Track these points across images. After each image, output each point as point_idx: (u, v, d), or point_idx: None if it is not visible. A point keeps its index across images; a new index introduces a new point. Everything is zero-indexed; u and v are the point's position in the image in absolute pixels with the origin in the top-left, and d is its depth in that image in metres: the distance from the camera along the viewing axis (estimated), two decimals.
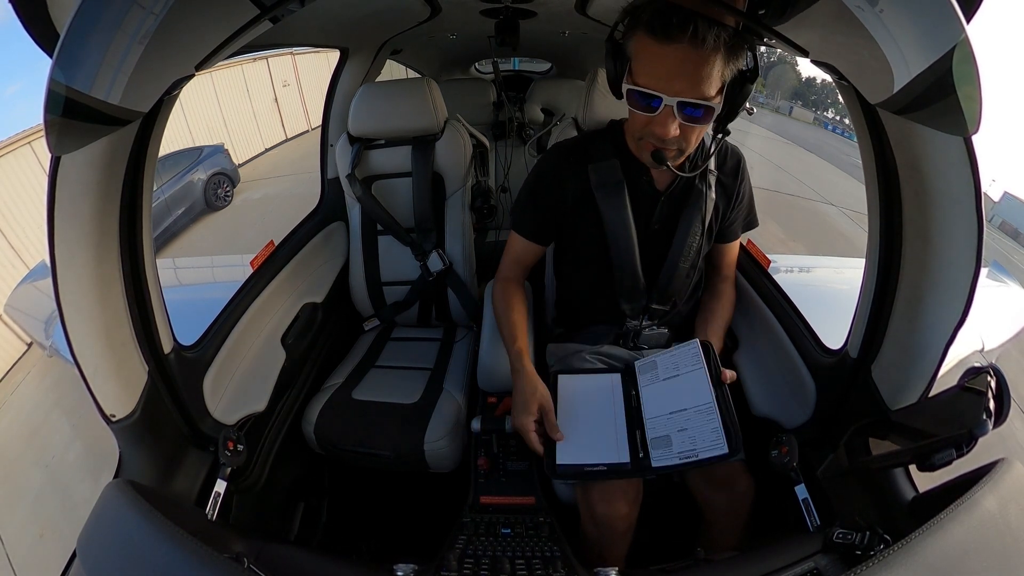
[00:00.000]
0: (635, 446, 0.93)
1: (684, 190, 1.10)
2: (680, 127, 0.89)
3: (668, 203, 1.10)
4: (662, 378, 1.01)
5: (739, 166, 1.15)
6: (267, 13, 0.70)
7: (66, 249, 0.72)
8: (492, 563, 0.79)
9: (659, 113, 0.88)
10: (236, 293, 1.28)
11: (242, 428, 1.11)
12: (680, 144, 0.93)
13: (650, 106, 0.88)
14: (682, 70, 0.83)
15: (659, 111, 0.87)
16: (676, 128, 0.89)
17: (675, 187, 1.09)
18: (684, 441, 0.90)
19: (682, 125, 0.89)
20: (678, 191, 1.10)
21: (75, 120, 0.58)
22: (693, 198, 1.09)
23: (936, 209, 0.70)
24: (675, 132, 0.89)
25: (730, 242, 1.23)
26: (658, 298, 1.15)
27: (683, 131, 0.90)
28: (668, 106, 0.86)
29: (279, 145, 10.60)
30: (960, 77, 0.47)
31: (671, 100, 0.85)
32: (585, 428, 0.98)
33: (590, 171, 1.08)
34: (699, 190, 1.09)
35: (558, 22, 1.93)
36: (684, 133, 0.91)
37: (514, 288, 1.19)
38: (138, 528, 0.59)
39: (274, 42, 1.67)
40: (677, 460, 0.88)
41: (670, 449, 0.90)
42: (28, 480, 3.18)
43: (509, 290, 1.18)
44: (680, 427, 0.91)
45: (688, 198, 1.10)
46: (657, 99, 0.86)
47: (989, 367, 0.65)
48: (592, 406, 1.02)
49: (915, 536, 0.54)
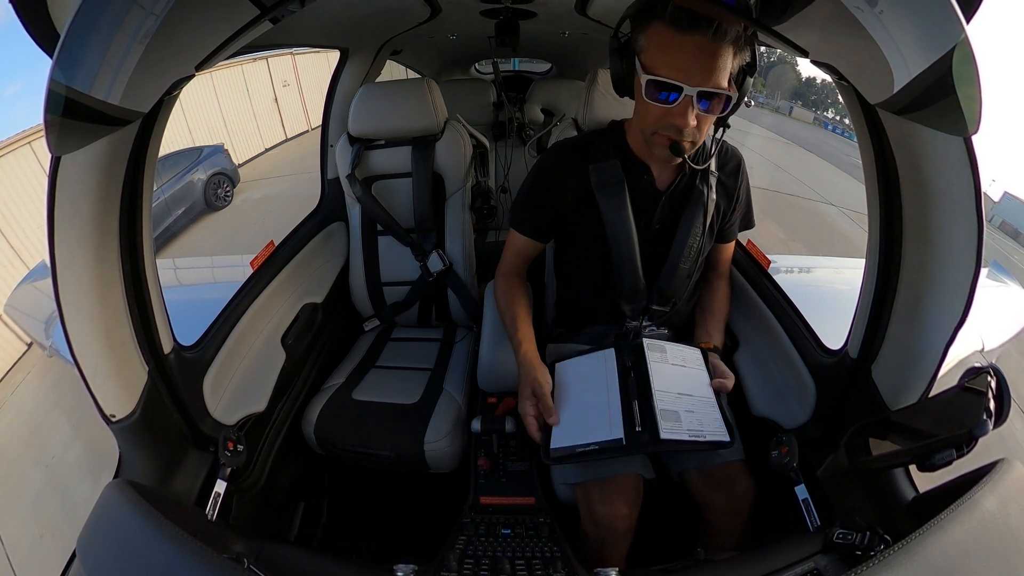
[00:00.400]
0: (631, 420, 0.90)
1: (685, 190, 1.10)
2: (696, 117, 0.90)
3: (669, 203, 1.10)
4: (671, 362, 1.03)
5: (739, 167, 1.16)
6: (267, 13, 0.70)
7: (66, 249, 0.72)
8: (492, 563, 0.79)
9: (678, 104, 0.88)
10: (236, 293, 1.28)
11: (242, 428, 1.11)
12: (694, 136, 0.94)
13: (668, 97, 0.88)
14: (701, 60, 0.84)
15: (678, 102, 0.88)
16: (694, 118, 0.90)
17: (676, 187, 1.09)
18: (692, 421, 0.92)
19: (698, 115, 0.90)
20: (679, 191, 1.10)
21: (75, 120, 0.58)
22: (694, 198, 1.09)
23: (936, 209, 0.70)
24: (693, 123, 0.90)
25: (728, 242, 1.24)
26: (658, 299, 1.15)
27: (698, 122, 0.91)
28: (688, 96, 0.87)
29: (279, 145, 10.60)
30: (960, 77, 0.47)
31: (691, 90, 0.86)
32: (579, 410, 0.97)
33: (591, 171, 1.08)
34: (700, 190, 1.09)
35: (558, 22, 1.93)
36: (699, 124, 0.92)
37: (516, 282, 1.22)
38: (138, 528, 0.59)
39: (274, 42, 1.67)
40: (687, 436, 0.88)
41: (680, 424, 0.90)
42: (28, 480, 3.18)
43: (511, 284, 1.21)
44: (688, 408, 0.94)
45: (689, 198, 1.10)
46: (676, 90, 0.87)
47: (989, 367, 0.65)
48: (585, 386, 1.02)
49: (915, 536, 0.54)
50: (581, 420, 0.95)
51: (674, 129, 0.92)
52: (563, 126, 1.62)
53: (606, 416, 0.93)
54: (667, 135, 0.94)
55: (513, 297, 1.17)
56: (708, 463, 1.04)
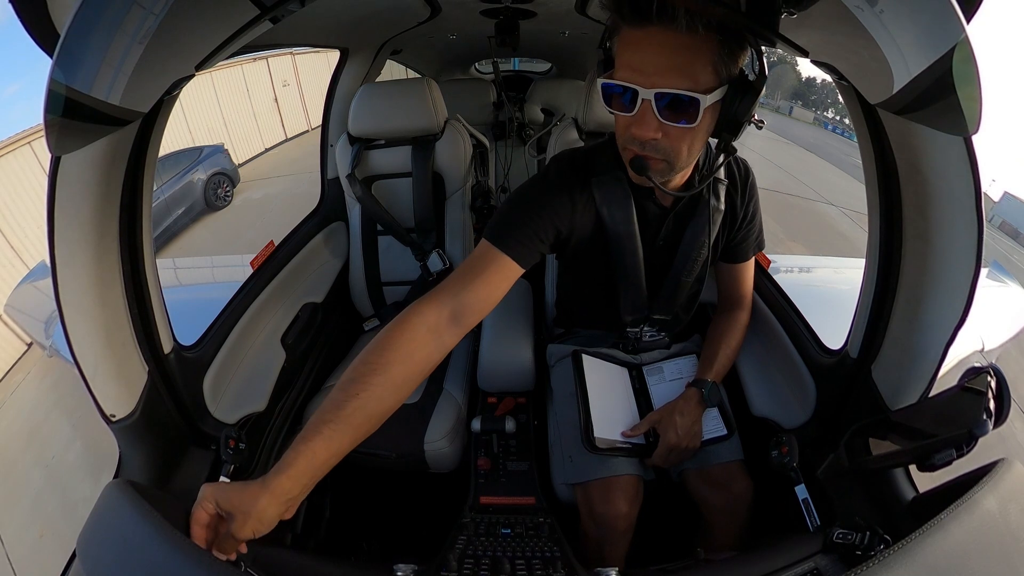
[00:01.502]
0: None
1: (691, 204, 1.02)
2: (663, 128, 0.77)
3: (675, 220, 1.02)
4: (668, 379, 1.17)
5: (748, 180, 1.06)
6: (267, 13, 0.70)
7: (66, 249, 0.72)
8: (492, 563, 0.79)
9: (637, 111, 0.76)
10: (236, 293, 1.28)
11: (242, 428, 1.11)
12: (667, 152, 0.80)
13: (626, 104, 0.76)
14: (661, 57, 0.71)
15: (636, 108, 0.75)
16: (656, 128, 0.76)
17: (683, 203, 1.00)
18: None
19: (664, 126, 0.76)
20: (685, 206, 1.01)
21: (75, 120, 0.58)
22: (700, 211, 1.01)
23: (936, 209, 0.70)
24: (655, 133, 0.77)
25: (742, 262, 1.13)
26: (660, 309, 1.14)
27: (667, 134, 0.78)
28: (645, 100, 0.74)
29: (279, 145, 10.61)
30: (960, 77, 0.47)
31: (647, 92, 0.73)
32: (611, 408, 1.09)
33: (594, 185, 0.97)
34: (707, 202, 1.01)
35: (558, 22, 1.93)
36: (669, 137, 0.78)
37: (434, 326, 0.78)
38: (138, 528, 0.59)
39: (274, 42, 1.67)
40: None
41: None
42: (28, 480, 3.18)
43: (413, 324, 0.76)
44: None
45: (695, 211, 1.02)
46: (631, 92, 0.74)
47: (989, 367, 0.65)
48: (612, 387, 1.15)
49: (915, 536, 0.54)
50: (613, 418, 1.07)
51: (636, 142, 0.79)
52: (563, 126, 1.62)
53: (631, 420, 1.08)
54: (630, 149, 0.82)
55: (398, 357, 0.73)
56: (706, 463, 1.04)
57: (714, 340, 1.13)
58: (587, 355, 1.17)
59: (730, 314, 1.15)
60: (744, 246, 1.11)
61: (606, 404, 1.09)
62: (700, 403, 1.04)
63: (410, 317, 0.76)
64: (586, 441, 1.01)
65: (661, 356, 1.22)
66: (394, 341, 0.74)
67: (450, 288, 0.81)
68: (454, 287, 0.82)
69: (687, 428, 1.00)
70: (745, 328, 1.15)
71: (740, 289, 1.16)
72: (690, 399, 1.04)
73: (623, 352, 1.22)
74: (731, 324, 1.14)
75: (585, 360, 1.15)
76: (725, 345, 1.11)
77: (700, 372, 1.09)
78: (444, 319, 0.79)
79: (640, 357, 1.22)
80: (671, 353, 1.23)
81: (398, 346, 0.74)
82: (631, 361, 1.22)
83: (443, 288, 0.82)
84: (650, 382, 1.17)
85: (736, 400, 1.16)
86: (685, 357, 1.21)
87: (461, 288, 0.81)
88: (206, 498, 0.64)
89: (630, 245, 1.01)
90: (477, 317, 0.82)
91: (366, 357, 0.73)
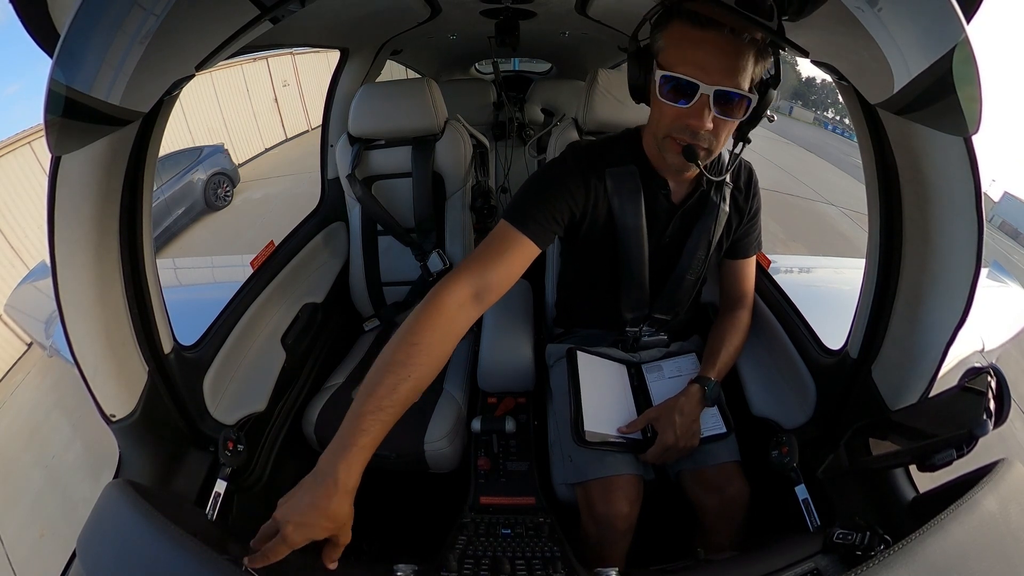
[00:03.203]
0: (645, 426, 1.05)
1: (698, 202, 1.05)
2: (713, 120, 0.85)
3: (683, 217, 1.05)
4: (667, 376, 1.16)
5: (751, 180, 1.11)
6: (267, 13, 0.70)
7: (66, 249, 0.72)
8: (492, 563, 0.79)
9: (694, 104, 0.83)
10: (236, 293, 1.28)
11: (242, 428, 1.11)
12: (711, 142, 0.88)
13: (684, 96, 0.83)
14: (720, 58, 0.80)
15: (694, 101, 0.83)
16: (711, 121, 0.84)
17: (691, 201, 1.04)
18: None
19: (715, 119, 0.85)
20: (693, 205, 1.05)
21: (75, 120, 0.59)
22: (707, 210, 1.05)
23: (936, 209, 0.70)
24: (710, 125, 0.85)
25: (744, 259, 1.16)
26: (661, 308, 1.14)
27: (715, 126, 0.86)
28: (704, 95, 0.82)
29: (279, 145, 10.61)
30: (960, 77, 0.47)
31: (708, 88, 0.81)
32: (605, 403, 1.08)
33: (607, 175, 1.01)
34: (714, 202, 1.04)
35: (558, 22, 1.93)
36: (716, 128, 0.86)
37: (459, 313, 0.82)
38: (138, 528, 0.59)
39: (274, 42, 1.67)
40: None
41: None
42: (28, 480, 3.18)
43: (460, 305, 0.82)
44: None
45: (702, 210, 1.05)
46: (693, 87, 0.82)
47: (989, 367, 0.64)
48: (608, 383, 1.14)
49: (915, 536, 0.54)
50: (606, 413, 1.06)
51: (689, 131, 0.86)
52: (563, 126, 1.62)
53: (627, 417, 1.07)
54: (681, 138, 0.88)
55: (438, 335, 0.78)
56: (702, 464, 1.04)
57: (717, 339, 1.13)
58: (583, 352, 1.16)
59: (733, 314, 1.17)
60: (747, 242, 1.14)
61: (600, 399, 1.07)
62: (701, 401, 1.04)
63: (442, 296, 0.81)
64: (575, 434, 0.99)
65: (660, 354, 1.22)
66: (432, 320, 0.79)
67: (474, 268, 0.86)
68: (478, 267, 0.87)
69: (686, 427, 1.00)
70: (747, 329, 1.16)
71: (742, 287, 1.18)
72: (692, 396, 1.04)
73: (622, 351, 1.22)
74: (734, 324, 1.15)
75: (580, 357, 1.14)
76: (728, 344, 1.11)
77: (703, 370, 1.09)
78: (469, 297, 0.84)
79: (639, 355, 1.22)
80: (671, 351, 1.23)
81: (437, 324, 0.79)
82: (630, 359, 1.22)
83: (466, 268, 0.87)
84: (649, 379, 1.17)
85: (736, 400, 1.16)
86: (685, 355, 1.20)
87: (484, 268, 0.87)
88: (291, 523, 0.68)
89: (636, 239, 1.03)
90: (496, 296, 0.88)
91: (409, 338, 0.77)
